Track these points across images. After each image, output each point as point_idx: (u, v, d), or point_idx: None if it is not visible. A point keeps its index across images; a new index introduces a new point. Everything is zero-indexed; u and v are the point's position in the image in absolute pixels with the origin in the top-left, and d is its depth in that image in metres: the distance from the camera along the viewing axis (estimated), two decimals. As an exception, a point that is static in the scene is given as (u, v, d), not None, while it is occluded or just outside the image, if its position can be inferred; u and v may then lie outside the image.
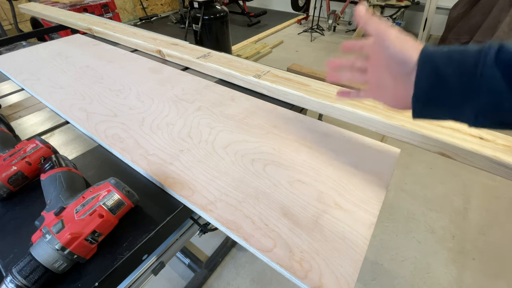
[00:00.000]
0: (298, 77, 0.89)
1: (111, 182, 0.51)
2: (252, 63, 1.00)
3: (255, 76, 0.89)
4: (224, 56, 1.06)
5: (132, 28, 1.37)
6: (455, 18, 3.08)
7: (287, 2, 5.45)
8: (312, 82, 0.85)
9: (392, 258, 1.50)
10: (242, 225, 0.50)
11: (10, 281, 0.41)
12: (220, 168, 0.62)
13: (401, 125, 0.65)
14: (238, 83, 0.95)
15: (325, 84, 0.84)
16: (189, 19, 3.46)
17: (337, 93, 0.58)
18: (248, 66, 0.97)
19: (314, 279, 0.42)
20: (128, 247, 0.49)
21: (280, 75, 0.90)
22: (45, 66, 1.12)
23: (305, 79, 0.88)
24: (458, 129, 0.64)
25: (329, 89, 0.81)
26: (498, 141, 0.60)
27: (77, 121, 0.80)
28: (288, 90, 0.82)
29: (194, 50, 1.11)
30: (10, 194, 0.58)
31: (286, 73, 0.92)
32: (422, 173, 2.00)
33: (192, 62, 1.05)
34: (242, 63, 1.00)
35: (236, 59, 1.03)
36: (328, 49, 4.06)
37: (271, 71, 0.93)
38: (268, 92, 0.88)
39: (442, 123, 0.66)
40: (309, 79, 0.87)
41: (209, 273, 1.43)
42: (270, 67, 0.97)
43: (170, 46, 1.14)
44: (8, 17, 3.68)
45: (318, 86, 0.83)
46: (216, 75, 1.01)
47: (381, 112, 0.70)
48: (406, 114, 0.69)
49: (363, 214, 0.52)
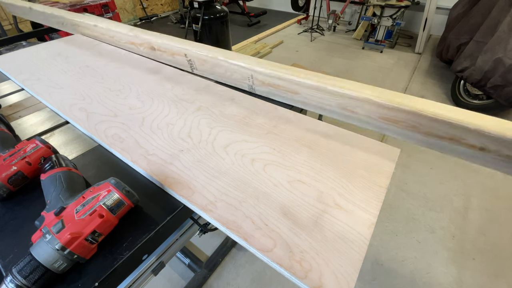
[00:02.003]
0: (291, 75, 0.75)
1: (111, 182, 0.51)
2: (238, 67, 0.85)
3: (248, 88, 0.85)
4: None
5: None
6: (455, 18, 3.08)
7: (287, 2, 5.45)
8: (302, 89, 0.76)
9: (392, 258, 1.50)
10: (242, 225, 0.50)
11: (10, 281, 0.41)
12: (220, 168, 0.62)
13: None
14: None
15: (316, 91, 0.73)
16: (189, 19, 3.46)
17: None
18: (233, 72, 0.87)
19: (314, 279, 0.42)
20: (128, 247, 0.49)
21: (267, 82, 0.82)
22: (45, 66, 1.12)
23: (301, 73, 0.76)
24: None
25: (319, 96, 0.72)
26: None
27: (77, 121, 0.80)
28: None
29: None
30: (10, 194, 0.58)
31: (279, 68, 0.79)
32: (422, 173, 2.00)
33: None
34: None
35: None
36: (328, 49, 4.07)
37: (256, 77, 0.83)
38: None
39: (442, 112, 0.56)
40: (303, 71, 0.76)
41: (209, 273, 1.42)
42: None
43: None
44: (8, 17, 3.68)
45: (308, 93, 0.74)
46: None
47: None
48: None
49: (363, 214, 0.52)
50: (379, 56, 3.84)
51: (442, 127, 0.57)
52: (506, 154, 0.54)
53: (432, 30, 4.44)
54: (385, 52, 3.92)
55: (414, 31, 4.54)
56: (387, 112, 0.63)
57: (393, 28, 3.97)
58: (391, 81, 3.22)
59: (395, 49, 4.04)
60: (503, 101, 2.23)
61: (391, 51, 3.98)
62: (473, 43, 2.51)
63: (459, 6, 3.18)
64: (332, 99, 0.70)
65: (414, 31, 4.50)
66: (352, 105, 0.68)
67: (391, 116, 0.63)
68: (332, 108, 0.72)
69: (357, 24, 4.60)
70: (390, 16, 3.63)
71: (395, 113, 0.62)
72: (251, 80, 0.85)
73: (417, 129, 0.61)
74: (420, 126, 0.60)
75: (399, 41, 4.24)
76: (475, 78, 2.37)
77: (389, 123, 0.65)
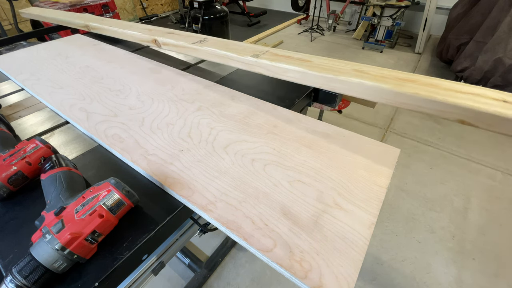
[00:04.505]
0: (299, 54, 0.83)
1: (111, 182, 0.51)
2: (250, 45, 0.94)
3: (253, 56, 0.84)
4: (221, 40, 1.00)
5: (129, 22, 1.36)
6: (455, 18, 3.08)
7: (287, 2, 5.45)
8: (314, 58, 0.79)
9: (392, 258, 1.50)
10: (242, 225, 0.50)
11: (10, 281, 0.41)
12: (220, 168, 0.62)
13: (415, 93, 0.59)
14: (235, 64, 0.90)
15: (328, 59, 0.78)
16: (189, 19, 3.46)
17: None
18: (245, 48, 0.91)
19: (314, 279, 0.42)
20: (128, 247, 0.49)
21: (280, 54, 0.84)
22: (45, 66, 1.12)
23: (306, 55, 0.82)
24: (478, 93, 0.57)
25: (333, 64, 0.76)
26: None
27: (77, 121, 0.80)
28: (289, 66, 0.77)
29: (189, 36, 1.06)
30: (10, 194, 0.58)
31: (287, 51, 0.86)
32: (422, 173, 2.00)
33: (187, 48, 1.00)
34: (239, 45, 0.94)
35: (233, 42, 0.98)
36: (328, 49, 4.07)
37: (269, 50, 0.88)
38: (267, 71, 0.83)
39: (460, 87, 0.58)
40: (311, 55, 0.81)
41: (209, 273, 1.42)
42: (269, 47, 0.91)
43: (166, 35, 1.09)
44: (8, 17, 3.68)
45: (321, 61, 0.78)
46: (213, 59, 0.95)
47: (390, 82, 0.64)
48: (418, 81, 0.63)
49: (363, 214, 0.52)
50: (379, 56, 3.84)
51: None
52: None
53: (432, 30, 4.44)
54: (385, 52, 3.93)
55: (414, 31, 4.54)
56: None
57: (393, 28, 3.97)
58: (391, 81, 3.21)
59: (395, 49, 4.04)
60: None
61: (391, 51, 3.98)
62: (473, 43, 2.52)
63: (459, 6, 3.18)
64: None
65: (414, 31, 4.50)
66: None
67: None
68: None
69: (357, 24, 4.60)
70: (390, 16, 3.63)
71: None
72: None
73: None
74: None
75: (399, 41, 4.24)
76: (475, 78, 2.37)
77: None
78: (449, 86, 0.61)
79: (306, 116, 0.79)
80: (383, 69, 0.70)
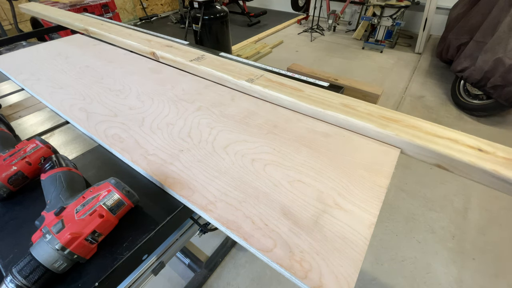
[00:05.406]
0: (292, 82, 0.87)
1: (111, 182, 0.51)
2: (245, 66, 0.97)
3: (248, 81, 0.87)
4: (218, 59, 1.03)
5: (129, 29, 1.35)
6: (455, 18, 3.08)
7: (287, 2, 5.45)
8: (307, 88, 0.83)
9: (392, 258, 1.50)
10: (242, 225, 0.50)
11: (10, 281, 0.41)
12: (220, 168, 0.62)
13: (396, 134, 0.64)
14: (231, 86, 0.93)
15: (320, 90, 0.82)
16: (189, 19, 3.45)
17: None
18: (241, 70, 0.94)
19: (314, 279, 0.42)
20: (128, 247, 0.49)
21: (274, 80, 0.88)
22: (45, 66, 1.12)
23: (299, 84, 0.85)
24: (456, 139, 0.61)
25: (323, 96, 0.79)
26: (498, 153, 0.56)
27: (77, 121, 0.80)
28: (280, 95, 0.81)
29: (188, 52, 1.08)
30: (10, 194, 0.58)
31: (280, 77, 0.89)
32: (422, 173, 2.00)
33: (185, 65, 1.02)
34: (235, 66, 0.97)
35: (229, 62, 1.00)
36: (328, 49, 4.07)
37: (264, 75, 0.90)
38: (260, 96, 0.86)
39: (440, 133, 0.63)
40: (303, 84, 0.85)
41: (209, 273, 1.42)
42: (264, 70, 0.94)
43: (164, 48, 1.11)
44: (8, 17, 3.68)
45: (312, 91, 0.81)
46: (210, 78, 0.98)
47: (375, 121, 0.68)
48: (402, 122, 0.68)
49: (363, 214, 0.52)
50: (379, 56, 3.84)
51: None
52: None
53: (432, 30, 4.44)
54: (385, 52, 3.93)
55: (414, 31, 4.54)
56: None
57: (393, 28, 3.97)
58: (391, 81, 3.22)
59: (395, 49, 4.04)
60: (503, 101, 2.23)
61: (391, 51, 3.98)
62: (473, 43, 2.51)
63: (459, 6, 3.18)
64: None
65: (414, 31, 4.50)
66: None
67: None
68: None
69: (357, 24, 4.60)
70: (390, 16, 3.63)
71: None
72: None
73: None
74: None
75: (399, 41, 4.24)
76: (475, 78, 2.37)
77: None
78: (430, 129, 0.65)
79: (306, 116, 0.79)
80: (370, 105, 0.74)
